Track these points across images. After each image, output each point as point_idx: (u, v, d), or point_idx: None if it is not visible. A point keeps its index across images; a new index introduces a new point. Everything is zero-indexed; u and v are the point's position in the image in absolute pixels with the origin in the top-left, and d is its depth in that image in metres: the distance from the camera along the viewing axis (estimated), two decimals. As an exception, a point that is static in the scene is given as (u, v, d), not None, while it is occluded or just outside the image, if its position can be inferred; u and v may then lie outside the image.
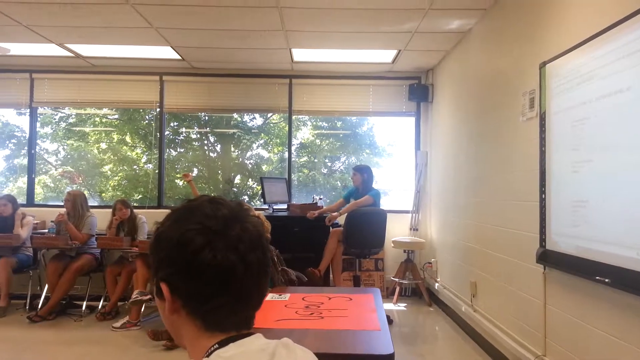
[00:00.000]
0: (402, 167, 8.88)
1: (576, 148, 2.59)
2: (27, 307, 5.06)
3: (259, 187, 10.06)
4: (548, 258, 2.87)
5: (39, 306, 4.87)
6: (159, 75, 6.08)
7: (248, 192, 9.76)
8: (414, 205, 6.13)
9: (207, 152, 10.11)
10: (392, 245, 5.68)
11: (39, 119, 6.62)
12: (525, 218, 3.23)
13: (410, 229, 6.09)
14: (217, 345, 0.81)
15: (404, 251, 5.74)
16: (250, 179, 10.27)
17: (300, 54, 5.47)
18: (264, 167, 10.06)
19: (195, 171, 9.78)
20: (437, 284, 5.48)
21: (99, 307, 4.99)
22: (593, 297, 2.47)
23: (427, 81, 6.15)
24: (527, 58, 3.30)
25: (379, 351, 1.70)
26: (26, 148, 6.28)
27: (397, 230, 5.97)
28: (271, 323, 2.13)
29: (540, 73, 3.02)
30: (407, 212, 6.17)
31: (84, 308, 4.99)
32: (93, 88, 6.10)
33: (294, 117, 6.38)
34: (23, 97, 6.06)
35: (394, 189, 7.99)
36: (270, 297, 2.62)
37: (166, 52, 5.45)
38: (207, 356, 0.80)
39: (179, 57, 5.60)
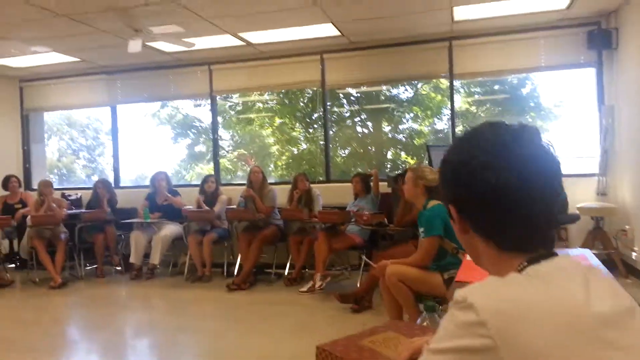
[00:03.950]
0: (577, 127, 8.06)
1: None
2: (225, 274, 5.68)
3: (413, 160, 9.97)
4: None
5: (235, 273, 5.44)
6: (319, 54, 6.29)
7: (402, 166, 9.70)
8: (600, 167, 5.49)
9: (359, 128, 10.24)
10: (578, 212, 5.18)
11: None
12: None
13: (597, 194, 5.48)
14: (526, 263, 0.81)
15: (592, 218, 5.19)
16: (402, 152, 10.19)
17: (462, 12, 5.20)
18: (415, 140, 9.90)
19: (349, 149, 9.99)
20: (634, 254, 4.88)
21: (285, 273, 5.41)
22: None
23: (608, 25, 5.41)
24: None
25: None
26: (203, 136, 7.00)
27: (579, 196, 5.40)
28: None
29: None
30: (591, 175, 5.56)
31: (272, 275, 5.49)
32: (261, 73, 6.55)
33: (446, 85, 6.13)
34: (204, 88, 6.74)
35: (569, 152, 7.28)
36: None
37: (326, 30, 5.60)
38: (519, 271, 0.80)
39: (339, 33, 5.72)
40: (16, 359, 3.40)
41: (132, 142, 9.47)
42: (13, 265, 6.52)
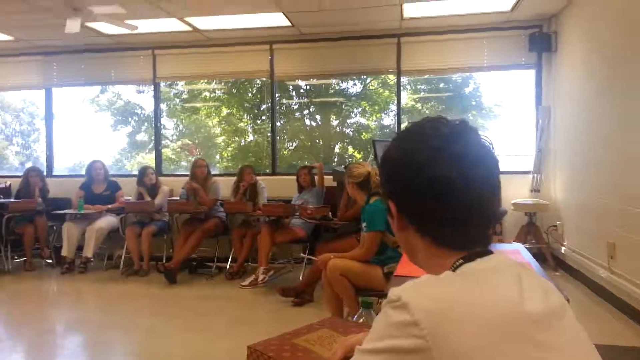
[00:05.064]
0: (515, 127, 8.36)
1: None
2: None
3: (359, 155, 10.05)
4: None
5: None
6: (269, 44, 6.17)
7: (349, 160, 9.75)
8: (535, 165, 5.74)
9: (308, 121, 10.18)
10: (512, 207, 5.39)
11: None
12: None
13: (531, 191, 5.73)
14: (462, 261, 0.80)
15: (526, 214, 5.42)
16: (350, 146, 10.24)
17: (411, 9, 5.25)
18: (362, 135, 9.97)
19: (297, 142, 9.89)
20: (563, 248, 5.14)
21: (227, 267, 5.27)
22: None
23: (549, 29, 5.64)
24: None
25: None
26: (145, 124, 6.71)
27: (515, 192, 5.63)
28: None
29: None
30: (526, 172, 5.79)
31: (213, 269, 5.34)
32: (208, 61, 6.36)
33: (393, 81, 6.21)
34: (147, 73, 6.46)
35: (506, 150, 7.55)
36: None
37: (277, 19, 5.50)
38: (453, 270, 0.79)
39: (289, 24, 5.63)
40: None
41: (69, 129, 8.93)
42: None
